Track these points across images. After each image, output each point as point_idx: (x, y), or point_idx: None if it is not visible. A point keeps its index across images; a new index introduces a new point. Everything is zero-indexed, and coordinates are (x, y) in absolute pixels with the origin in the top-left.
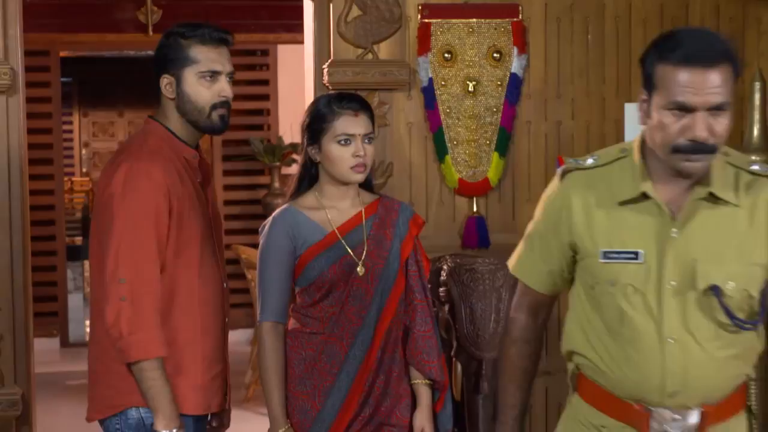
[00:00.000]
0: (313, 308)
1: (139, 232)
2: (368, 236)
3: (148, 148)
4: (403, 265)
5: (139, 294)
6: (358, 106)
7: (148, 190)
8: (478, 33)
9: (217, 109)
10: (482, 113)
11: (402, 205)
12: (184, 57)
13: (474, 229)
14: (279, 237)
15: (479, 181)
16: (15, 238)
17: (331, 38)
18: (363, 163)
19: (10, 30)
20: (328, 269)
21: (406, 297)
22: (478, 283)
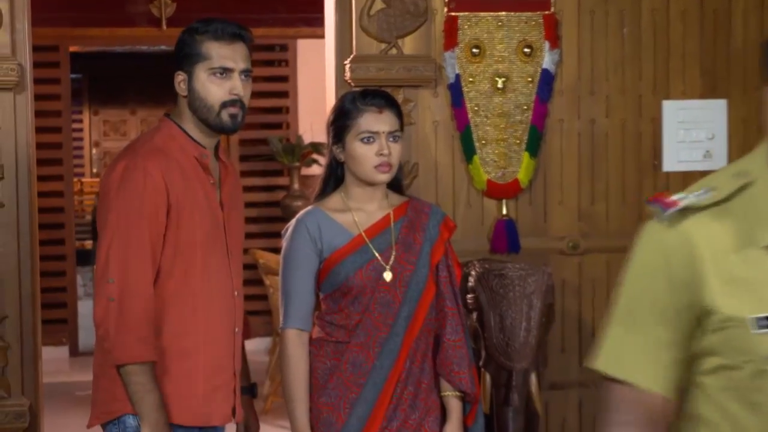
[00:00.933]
0: (338, 315)
1: (132, 231)
2: (397, 240)
3: (151, 146)
4: (433, 270)
5: (128, 295)
6: (383, 102)
7: (144, 187)
8: (507, 26)
9: (227, 108)
10: (512, 111)
11: (432, 208)
12: (197, 53)
13: (503, 233)
14: (303, 240)
15: (509, 182)
16: (23, 241)
17: (354, 32)
18: (387, 162)
19: (18, 24)
20: (354, 274)
21: (436, 304)
22: (508, 289)
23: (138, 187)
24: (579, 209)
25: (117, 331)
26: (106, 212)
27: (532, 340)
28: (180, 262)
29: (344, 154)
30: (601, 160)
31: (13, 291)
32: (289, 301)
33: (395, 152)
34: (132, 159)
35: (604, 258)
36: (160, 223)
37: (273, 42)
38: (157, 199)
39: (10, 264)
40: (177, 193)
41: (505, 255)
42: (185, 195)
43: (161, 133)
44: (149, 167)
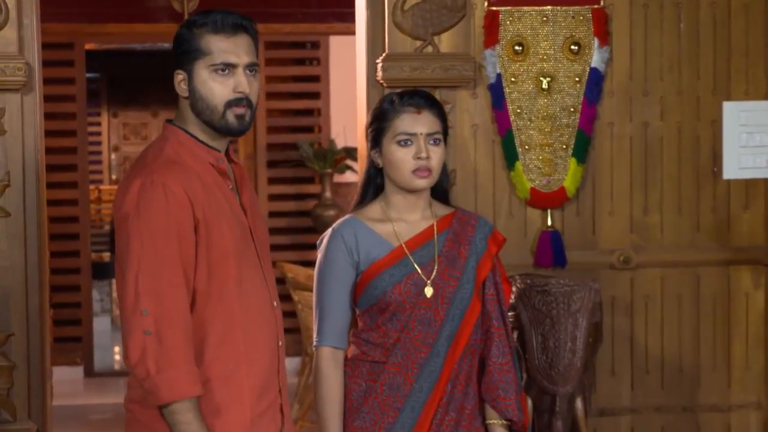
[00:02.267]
0: (375, 333)
1: (160, 255)
2: (440, 253)
3: (164, 158)
4: (479, 287)
5: (166, 326)
6: (422, 102)
7: (166, 205)
8: (553, 22)
9: (232, 108)
10: (558, 114)
11: (480, 220)
12: (195, 49)
13: (548, 246)
14: (338, 251)
15: (554, 191)
16: (30, 254)
17: (386, 29)
18: (426, 166)
19: (26, 20)
20: (392, 289)
21: (482, 324)
22: (552, 307)
23: (160, 205)
24: (631, 220)
25: (159, 367)
26: (127, 239)
27: (577, 362)
28: (215, 280)
29: (382, 159)
30: (655, 167)
31: (19, 307)
32: (324, 317)
33: (435, 156)
34: (147, 175)
35: (659, 273)
36: (190, 243)
37: (303, 39)
38: (182, 216)
39: (17, 278)
40: (202, 206)
41: (550, 270)
42: (210, 207)
43: (170, 142)
44: (169, 182)
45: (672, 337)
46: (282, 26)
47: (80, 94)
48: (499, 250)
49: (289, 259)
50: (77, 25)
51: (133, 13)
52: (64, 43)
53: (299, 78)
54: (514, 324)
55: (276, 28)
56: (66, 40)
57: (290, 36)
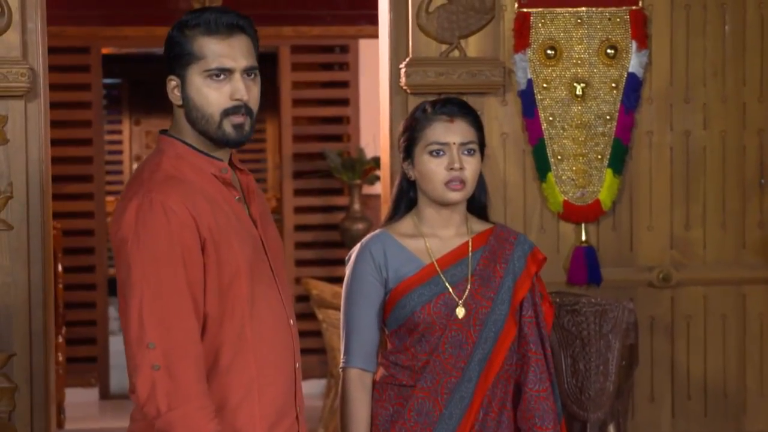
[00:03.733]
0: (403, 355)
1: (165, 282)
2: (473, 272)
3: (161, 174)
4: (516, 308)
5: (176, 359)
6: (456, 110)
7: (167, 227)
8: (588, 24)
9: (229, 117)
10: (593, 122)
11: (519, 237)
12: (188, 52)
13: (582, 263)
14: (366, 267)
15: (589, 203)
16: (34, 269)
17: (410, 32)
18: (460, 178)
19: (30, 23)
20: (421, 309)
21: (518, 347)
22: (582, 327)
23: (160, 227)
24: (671, 235)
25: (171, 405)
26: (127, 266)
27: (609, 387)
28: (227, 302)
29: (414, 170)
30: (698, 179)
31: (22, 325)
32: (351, 337)
33: (470, 167)
34: (145, 195)
35: (701, 292)
36: (197, 265)
37: (331, 42)
38: (186, 236)
39: (19, 295)
40: (207, 223)
41: (584, 288)
42: (217, 223)
43: (167, 155)
44: (168, 200)
45: (716, 360)
46: (309, 29)
47: (96, 100)
48: (540, 269)
49: (315, 275)
50: (93, 28)
51: (152, 15)
52: (80, 47)
53: (327, 84)
54: None
55: (303, 30)
56: (81, 43)
57: (318, 39)
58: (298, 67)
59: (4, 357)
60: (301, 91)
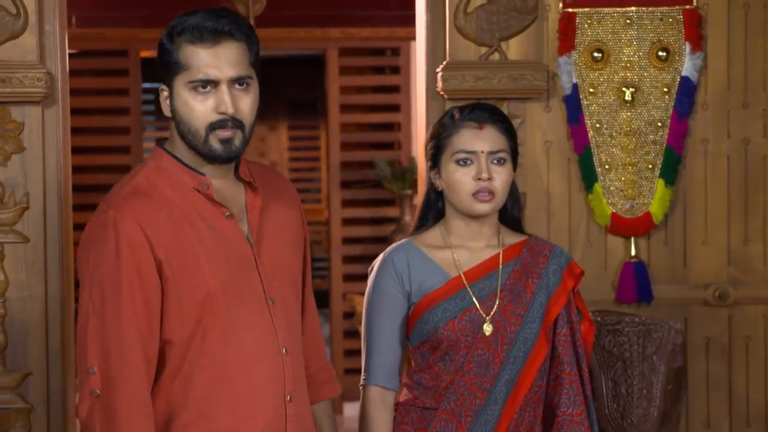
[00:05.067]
0: (427, 374)
1: (108, 306)
2: (503, 286)
3: (130, 188)
4: (549, 326)
5: (113, 387)
6: (485, 116)
7: (115, 248)
8: (638, 25)
9: (215, 131)
10: (643, 129)
11: (555, 250)
12: (174, 61)
13: (632, 279)
14: (388, 279)
15: (639, 216)
16: (51, 284)
17: (447, 33)
18: (488, 188)
19: (47, 26)
20: (445, 325)
21: (550, 368)
22: (624, 348)
23: (108, 248)
24: (728, 250)
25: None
26: (81, 284)
27: (653, 412)
28: (197, 328)
29: (441, 180)
30: (757, 190)
31: (38, 343)
32: (371, 353)
33: (500, 177)
34: (102, 212)
35: (761, 311)
36: (150, 287)
37: (382, 45)
38: (137, 257)
39: (36, 310)
40: (165, 242)
41: (634, 306)
42: (179, 243)
43: (147, 167)
44: (121, 219)
45: None
46: (358, 30)
47: (135, 106)
48: (577, 284)
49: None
50: (131, 30)
51: None
52: (117, 50)
53: (377, 89)
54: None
55: (351, 32)
56: (119, 46)
57: (367, 41)
58: (346, 71)
59: (20, 376)
60: (349, 97)
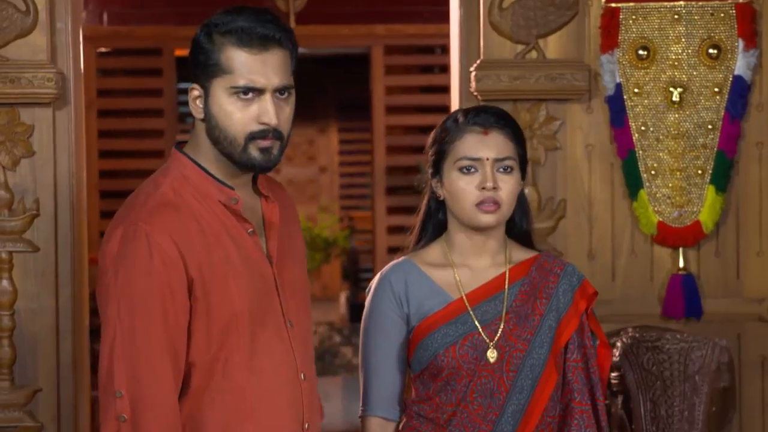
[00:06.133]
0: (427, 405)
1: (139, 325)
2: (509, 308)
3: (157, 198)
4: (560, 351)
5: (143, 412)
6: (492, 120)
7: (149, 263)
8: (687, 20)
9: (255, 141)
10: (692, 131)
11: (567, 268)
12: (214, 62)
13: (680, 293)
14: (385, 301)
15: (687, 225)
16: (62, 295)
17: (481, 31)
18: (493, 199)
19: (59, 23)
20: (445, 351)
21: (561, 396)
22: (664, 367)
23: (141, 263)
24: None
25: None
26: (105, 302)
27: None
28: (219, 351)
29: (443, 189)
30: None
31: (49, 357)
32: (369, 382)
33: (506, 187)
34: (132, 223)
35: None
36: (181, 308)
37: (430, 42)
38: (170, 275)
39: (46, 323)
40: (198, 261)
41: (682, 322)
42: (211, 261)
43: (171, 176)
44: (154, 232)
45: None
46: (404, 27)
47: (170, 107)
48: (590, 305)
49: None
50: (165, 27)
51: None
52: (150, 48)
53: (426, 89)
54: (618, 387)
55: (397, 29)
56: (152, 45)
57: (414, 39)
58: (392, 70)
59: (29, 393)
60: (396, 98)
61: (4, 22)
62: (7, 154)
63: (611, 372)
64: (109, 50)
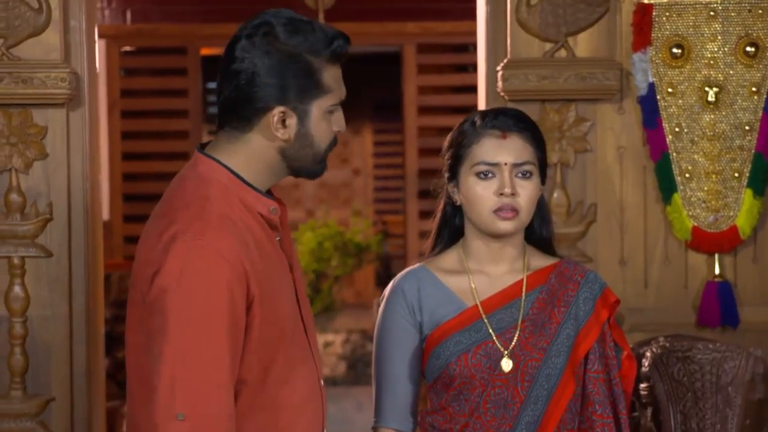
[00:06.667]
0: (440, 416)
1: (205, 346)
2: (525, 316)
3: (213, 211)
4: (579, 362)
5: None
6: (511, 123)
7: (218, 280)
8: (723, 17)
9: (332, 149)
10: (728, 133)
11: (588, 276)
12: (315, 83)
13: (715, 300)
14: (398, 309)
15: (724, 230)
16: (76, 301)
17: (508, 28)
18: (511, 205)
19: (72, 21)
20: (456, 360)
21: (582, 409)
22: (695, 378)
23: (213, 279)
24: None
25: None
26: (163, 320)
27: None
28: (264, 365)
29: (459, 194)
30: None
31: (62, 366)
32: (382, 392)
33: (525, 193)
34: (196, 237)
35: None
36: (241, 326)
37: (463, 41)
38: (237, 293)
39: (60, 330)
40: (258, 277)
41: (718, 331)
42: (267, 277)
43: (213, 187)
44: (225, 248)
45: None
46: (437, 25)
47: (195, 108)
48: (612, 314)
49: None
50: (190, 25)
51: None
52: (175, 47)
53: (458, 89)
54: (647, 399)
55: (430, 27)
56: (177, 43)
57: (447, 37)
58: (424, 69)
59: (42, 402)
60: (428, 98)
61: (16, 20)
62: (19, 157)
63: (640, 383)
64: (133, 49)
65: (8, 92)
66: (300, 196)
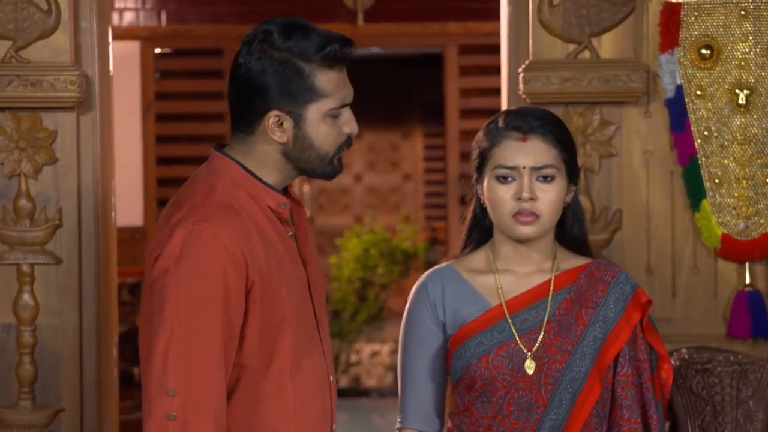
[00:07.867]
0: (466, 417)
1: (198, 325)
2: (551, 317)
3: (217, 200)
4: (606, 366)
5: (195, 412)
6: (535, 124)
7: (213, 263)
8: (754, 17)
9: (342, 150)
10: (760, 137)
11: (620, 276)
12: (307, 88)
13: (745, 311)
14: (422, 308)
15: (755, 238)
16: (86, 310)
17: (530, 29)
18: (530, 210)
19: (83, 22)
20: (478, 361)
21: (610, 413)
22: (714, 390)
23: (206, 262)
24: None
25: None
26: (161, 300)
27: None
28: (265, 354)
29: (484, 196)
30: None
31: (72, 375)
32: (407, 393)
33: (546, 197)
34: (197, 222)
35: None
36: (237, 311)
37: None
38: (234, 278)
39: (69, 339)
40: (259, 264)
41: (749, 342)
42: (269, 265)
43: (222, 179)
44: (222, 233)
45: None
46: (480, 25)
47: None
48: (644, 316)
49: None
50: (225, 26)
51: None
52: (210, 49)
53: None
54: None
55: (472, 27)
56: (212, 45)
57: (490, 38)
58: (465, 71)
59: (51, 413)
60: (469, 101)
61: (25, 22)
62: (28, 161)
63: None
64: (168, 51)
65: (17, 95)
66: (349, 202)
